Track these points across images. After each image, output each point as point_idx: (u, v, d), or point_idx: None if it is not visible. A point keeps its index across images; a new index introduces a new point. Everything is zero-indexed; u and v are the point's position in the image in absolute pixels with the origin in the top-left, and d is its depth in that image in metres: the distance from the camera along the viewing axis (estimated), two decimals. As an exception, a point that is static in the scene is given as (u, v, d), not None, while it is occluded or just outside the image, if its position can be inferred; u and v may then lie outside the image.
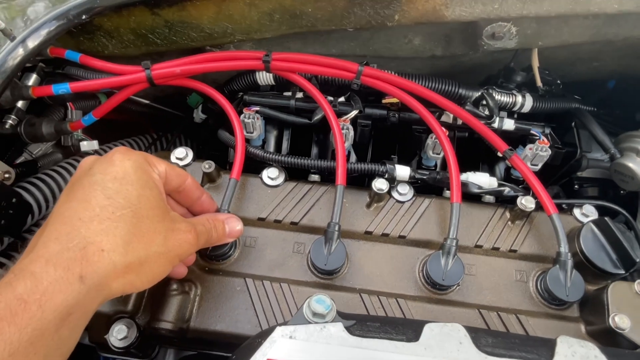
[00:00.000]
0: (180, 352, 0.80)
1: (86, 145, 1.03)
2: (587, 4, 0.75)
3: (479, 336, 0.46)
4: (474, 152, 0.95)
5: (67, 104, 1.04)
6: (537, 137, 0.84)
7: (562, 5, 0.75)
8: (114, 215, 0.51)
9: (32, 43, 0.71)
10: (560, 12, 0.76)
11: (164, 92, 1.24)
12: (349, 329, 0.46)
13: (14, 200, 0.77)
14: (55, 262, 0.46)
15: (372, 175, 0.82)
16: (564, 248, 0.70)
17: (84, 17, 0.73)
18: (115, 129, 1.31)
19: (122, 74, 0.80)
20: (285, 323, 0.48)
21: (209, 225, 0.63)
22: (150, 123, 1.41)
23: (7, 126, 0.84)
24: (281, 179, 0.80)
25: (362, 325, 0.48)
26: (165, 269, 0.57)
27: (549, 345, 0.46)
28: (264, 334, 0.49)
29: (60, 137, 1.05)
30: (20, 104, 0.86)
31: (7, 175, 0.80)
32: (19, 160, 1.00)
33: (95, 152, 1.04)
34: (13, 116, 0.85)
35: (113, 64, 0.80)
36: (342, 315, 0.49)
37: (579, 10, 0.76)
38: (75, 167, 1.02)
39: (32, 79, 0.84)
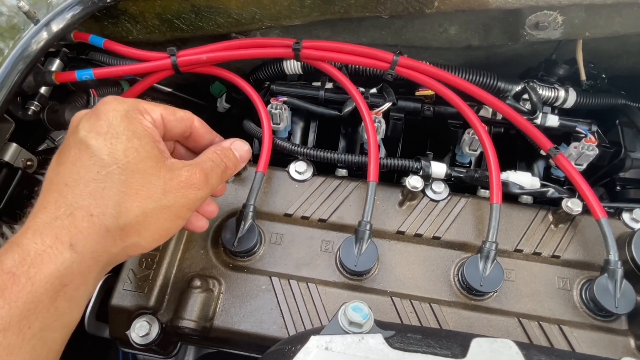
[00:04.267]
0: (200, 350, 0.78)
1: (108, 133, 1.01)
2: (652, -9, 0.69)
3: (532, 353, 0.42)
4: (510, 149, 0.90)
5: (90, 90, 1.02)
6: (584, 135, 0.78)
7: (623, -9, 0.69)
8: (99, 175, 0.46)
9: (56, 26, 0.68)
10: (620, -1, 0.70)
11: (187, 80, 1.22)
12: (388, 341, 0.42)
13: (36, 188, 0.75)
14: (42, 232, 0.43)
15: (404, 172, 0.78)
16: (613, 255, 0.65)
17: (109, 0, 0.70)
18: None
19: (147, 61, 0.77)
20: (318, 331, 0.44)
21: (218, 159, 0.56)
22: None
23: (29, 112, 0.82)
24: (309, 174, 0.76)
25: (402, 336, 0.44)
26: (174, 224, 0.51)
27: (610, 367, 0.42)
28: (295, 341, 0.46)
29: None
30: (43, 90, 0.84)
31: (29, 163, 0.78)
32: (41, 148, 0.98)
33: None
34: (36, 102, 0.83)
35: (138, 49, 0.78)
36: (379, 325, 0.45)
37: (641, -3, 0.69)
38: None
39: (56, 65, 0.82)
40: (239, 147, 0.60)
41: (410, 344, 0.43)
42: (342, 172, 0.81)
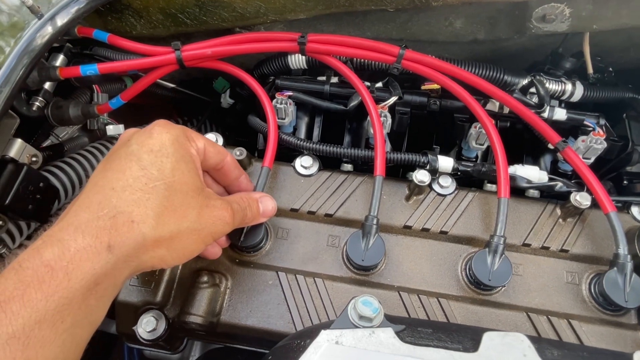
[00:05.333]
0: (207, 345, 0.78)
1: (112, 129, 1.01)
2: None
3: (543, 347, 0.42)
4: (516, 143, 0.89)
5: (94, 86, 1.02)
6: (592, 129, 0.78)
7: (631, -18, 0.69)
8: (147, 187, 0.49)
9: (60, 21, 0.68)
10: (628, -10, 0.69)
11: (190, 75, 1.21)
12: (399, 335, 0.42)
13: (41, 184, 0.75)
14: (84, 230, 0.45)
15: (410, 166, 0.78)
16: (622, 249, 0.64)
17: (113, -6, 0.69)
18: (140, 114, 1.29)
19: (151, 55, 0.76)
20: (328, 325, 0.44)
21: (243, 204, 0.61)
22: (175, 107, 1.38)
23: (34, 108, 0.82)
24: (315, 168, 0.76)
25: (412, 331, 0.44)
26: (198, 247, 0.55)
27: (623, 361, 0.42)
28: (304, 336, 0.46)
29: (87, 121, 1.03)
30: (47, 85, 0.84)
31: (34, 159, 0.78)
32: (45, 144, 0.98)
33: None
34: (40, 98, 0.83)
35: (142, 44, 0.77)
36: (389, 319, 0.45)
37: (651, -12, 0.69)
38: (101, 151, 1.00)
39: (60, 60, 0.82)
40: (265, 203, 0.65)
41: (421, 338, 0.43)
42: (348, 167, 0.80)
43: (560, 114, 0.80)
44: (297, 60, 0.86)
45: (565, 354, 0.42)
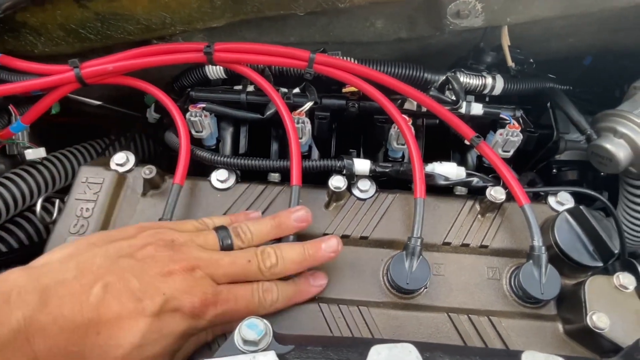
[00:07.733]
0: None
1: (31, 153, 0.95)
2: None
3: (434, 356, 0.41)
4: (444, 140, 0.89)
5: (9, 108, 0.96)
6: (508, 122, 0.78)
7: (527, -25, 0.69)
8: None
9: None
10: (526, -17, 0.69)
11: (120, 91, 1.17)
12: (283, 358, 0.40)
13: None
14: None
15: (332, 172, 0.76)
16: (537, 241, 0.64)
17: (-5, 13, 0.65)
18: (72, 133, 1.23)
19: (48, 75, 0.72)
20: (211, 354, 0.42)
21: None
22: (111, 125, 1.33)
23: None
24: (232, 181, 0.73)
25: (300, 351, 0.42)
26: None
27: (513, 362, 0.41)
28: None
29: (5, 146, 0.97)
30: (-57, 113, 0.79)
31: None
32: (-46, 173, 0.92)
33: (44, 159, 0.96)
34: None
35: (38, 64, 0.73)
36: (279, 340, 0.43)
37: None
38: (21, 177, 0.93)
39: (-46, 85, 0.76)
40: None
41: (307, 357, 0.41)
42: (275, 176, 0.78)
43: (477, 109, 0.80)
44: (214, 70, 0.84)
45: (455, 360, 0.41)
